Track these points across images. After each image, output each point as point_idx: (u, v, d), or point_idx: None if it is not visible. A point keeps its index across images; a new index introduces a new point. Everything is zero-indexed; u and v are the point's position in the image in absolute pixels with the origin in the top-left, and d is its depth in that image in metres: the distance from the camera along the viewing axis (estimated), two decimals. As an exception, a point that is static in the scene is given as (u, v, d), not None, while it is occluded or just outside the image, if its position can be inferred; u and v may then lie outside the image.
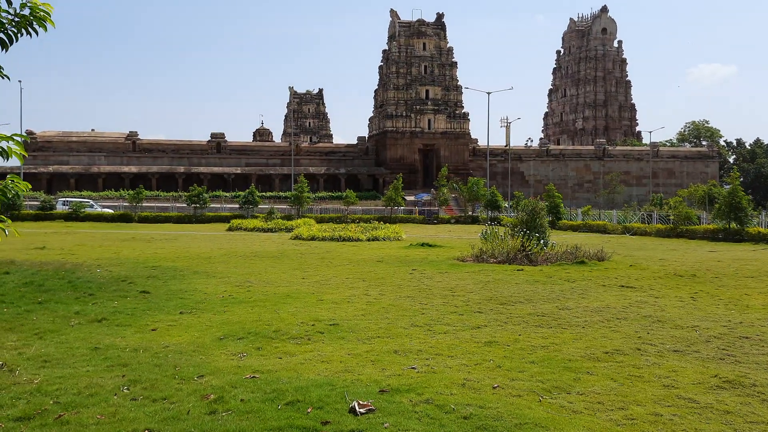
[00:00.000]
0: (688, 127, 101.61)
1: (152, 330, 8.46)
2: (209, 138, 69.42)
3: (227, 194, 58.69)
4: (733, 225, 28.20)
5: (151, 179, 63.77)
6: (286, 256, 19.30)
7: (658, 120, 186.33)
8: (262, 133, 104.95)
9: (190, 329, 8.54)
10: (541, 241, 18.80)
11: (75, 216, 41.82)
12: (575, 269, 15.98)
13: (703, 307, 10.82)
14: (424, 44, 72.76)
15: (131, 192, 47.50)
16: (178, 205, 49.51)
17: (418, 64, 72.15)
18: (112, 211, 44.73)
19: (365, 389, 5.86)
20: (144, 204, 47.38)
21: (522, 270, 15.67)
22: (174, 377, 6.16)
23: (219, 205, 50.24)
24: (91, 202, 47.21)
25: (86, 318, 9.12)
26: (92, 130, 69.78)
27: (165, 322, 9.03)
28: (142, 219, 42.40)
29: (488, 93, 62.95)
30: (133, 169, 64.70)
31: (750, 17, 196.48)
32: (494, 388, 6.06)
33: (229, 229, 34.78)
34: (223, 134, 69.85)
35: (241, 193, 48.79)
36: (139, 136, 67.77)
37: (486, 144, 68.90)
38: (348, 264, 17.24)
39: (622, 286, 13.18)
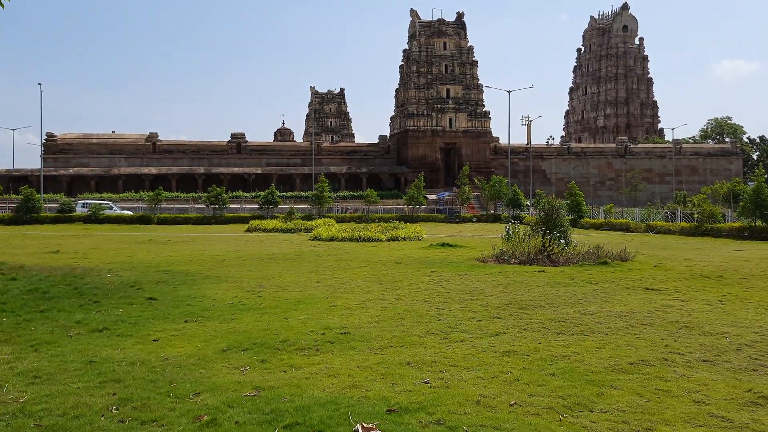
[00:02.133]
0: (711, 124, 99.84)
1: (154, 341, 8.17)
2: (229, 138, 69.59)
3: (247, 194, 58.69)
4: (759, 223, 27.40)
5: (171, 180, 64.07)
6: (303, 258, 19.02)
7: (681, 117, 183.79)
8: (283, 133, 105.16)
9: (194, 339, 8.24)
10: (562, 241, 18.30)
11: (94, 218, 42.01)
12: (597, 270, 15.48)
13: (732, 312, 10.30)
14: (445, 43, 72.28)
15: (150, 193, 47.59)
16: (197, 206, 49.55)
17: (438, 63, 71.70)
18: (131, 213, 44.87)
19: (372, 408, 5.48)
20: (163, 205, 47.45)
21: (543, 271, 15.21)
22: (168, 395, 5.84)
23: (239, 206, 50.21)
24: (111, 204, 47.45)
25: (87, 327, 8.86)
26: (113, 131, 70.40)
27: (168, 331, 8.74)
28: (161, 220, 42.44)
29: (509, 91, 62.29)
30: (153, 170, 65.07)
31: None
32: (511, 405, 5.66)
33: (248, 230, 34.62)
34: (243, 134, 70.00)
35: (261, 193, 48.68)
36: (159, 138, 68.16)
37: (507, 142, 68.21)
38: (366, 266, 16.90)
39: (647, 289, 12.67)
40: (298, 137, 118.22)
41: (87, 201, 47.65)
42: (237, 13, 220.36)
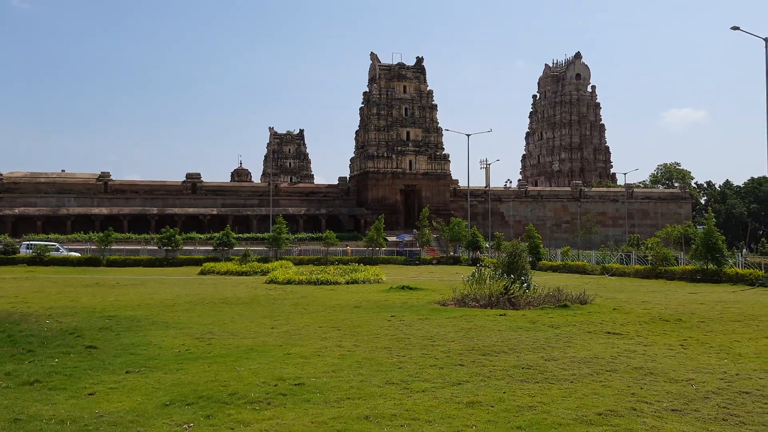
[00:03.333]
0: (661, 169, 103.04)
1: (89, 394, 7.51)
2: (184, 178, 68.40)
3: (202, 236, 57.36)
4: (711, 266, 27.90)
5: (123, 221, 62.30)
6: (257, 303, 18.37)
7: (632, 162, 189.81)
8: (240, 174, 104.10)
9: (134, 393, 7.61)
10: (524, 284, 18.16)
11: (39, 260, 40.29)
12: (559, 314, 15.31)
13: (695, 357, 10.17)
14: (405, 87, 73.25)
15: (100, 234, 45.97)
16: (149, 247, 48.07)
17: (398, 106, 72.50)
18: (79, 255, 43.24)
19: (326, 471, 5.01)
20: (114, 247, 45.84)
21: (505, 315, 14.95)
22: (98, 459, 5.26)
23: (192, 248, 48.92)
24: (57, 245, 45.64)
25: (17, 380, 8.12)
26: (62, 170, 68.32)
27: (107, 383, 8.08)
28: (110, 263, 40.97)
29: (468, 135, 63.09)
30: (104, 210, 63.26)
31: (719, 65, 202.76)
32: (477, 464, 5.25)
33: (201, 273, 33.65)
34: (199, 174, 68.89)
35: (216, 234, 47.45)
36: (111, 177, 66.50)
37: (466, 185, 68.83)
38: (323, 311, 16.37)
39: (609, 333, 12.52)
40: (256, 178, 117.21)
41: (32, 242, 45.70)
42: (194, 51, 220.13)
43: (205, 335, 12.12)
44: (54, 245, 44.76)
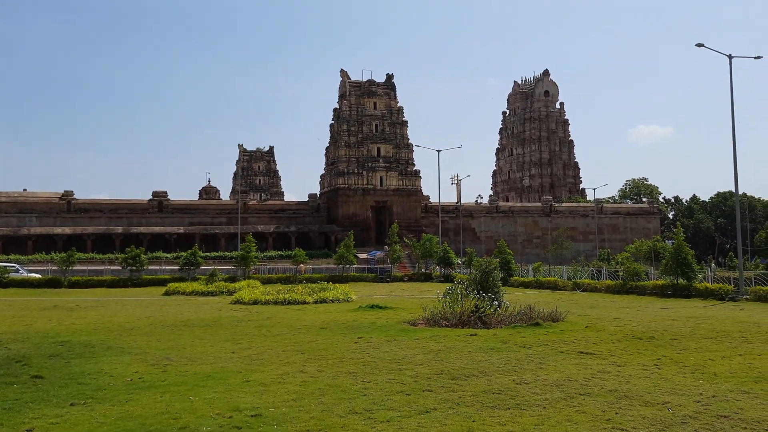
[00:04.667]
0: (629, 184, 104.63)
1: (27, 431, 6.89)
2: (150, 197, 67.13)
3: (168, 255, 56.14)
4: (681, 281, 27.98)
5: (87, 241, 60.73)
6: (220, 325, 17.71)
7: (601, 178, 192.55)
8: (208, 191, 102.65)
9: (76, 428, 7.01)
10: (495, 302, 17.83)
11: (-2, 282, 38.84)
12: (530, 332, 14.99)
13: (670, 377, 9.89)
14: (375, 103, 73.27)
15: (63, 254, 44.57)
16: (113, 267, 46.74)
17: (369, 122, 72.41)
18: (40, 276, 41.83)
19: None
20: (76, 267, 44.47)
21: (476, 335, 14.57)
22: None
23: (158, 267, 47.74)
24: (17, 266, 44.11)
25: (-55, 418, 7.47)
26: (24, 189, 66.54)
27: (47, 418, 7.46)
28: (72, 284, 39.68)
29: (438, 151, 63.22)
30: (67, 230, 61.62)
31: (685, 82, 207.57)
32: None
33: (166, 294, 32.72)
34: (166, 192, 67.68)
35: (183, 253, 46.41)
36: (75, 196, 64.94)
37: (437, 201, 68.78)
38: (288, 332, 15.81)
39: (581, 353, 12.21)
40: (225, 196, 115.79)
41: (-10, 263, 44.12)
42: (161, 67, 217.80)
43: (161, 361, 11.49)
44: (14, 266, 43.27)
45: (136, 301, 28.45)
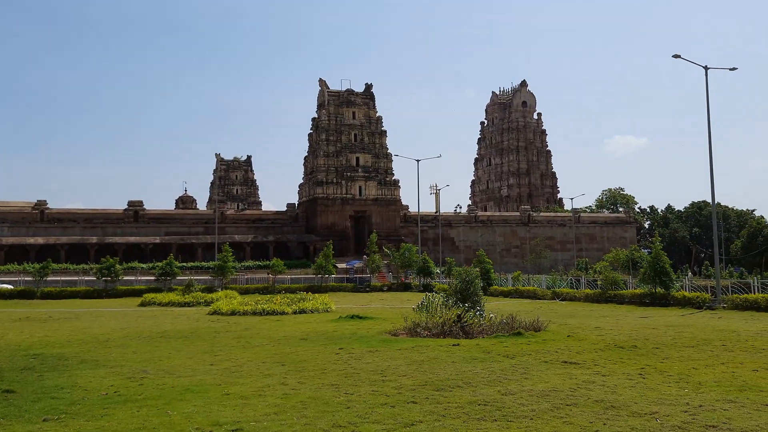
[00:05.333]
0: (606, 194, 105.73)
1: (-5, 450, 6.60)
2: (126, 206, 66.16)
3: (144, 265, 55.31)
4: (659, 289, 28.20)
5: (60, 251, 59.61)
6: (198, 336, 17.35)
7: (578, 188, 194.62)
8: (185, 201, 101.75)
9: (47, 446, 6.72)
10: (477, 312, 17.73)
11: (-32, 293, 37.88)
12: (513, 342, 14.90)
13: (655, 387, 9.82)
14: (354, 113, 73.25)
15: (36, 265, 43.70)
16: (87, 278, 45.86)
17: (347, 132, 72.34)
18: (11, 287, 40.87)
19: None
20: (50, 278, 43.61)
21: (458, 345, 14.43)
22: None
23: (134, 278, 46.97)
24: (-12, 277, 43.20)
25: None
26: (-4, 199, 65.27)
27: (18, 435, 7.15)
28: (45, 295, 38.84)
29: (417, 160, 63.36)
30: (40, 240, 60.44)
31: (660, 93, 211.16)
32: None
33: (141, 305, 32.13)
34: (141, 202, 66.77)
35: (159, 264, 45.71)
36: (48, 205, 63.77)
37: (416, 210, 68.80)
38: (267, 344, 15.53)
39: (565, 362, 12.13)
40: (202, 205, 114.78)
41: (-40, 274, 43.09)
42: (138, 76, 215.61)
43: (137, 374, 11.17)
44: (-16, 277, 42.28)
45: (110, 312, 27.87)
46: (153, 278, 43.45)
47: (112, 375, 11.15)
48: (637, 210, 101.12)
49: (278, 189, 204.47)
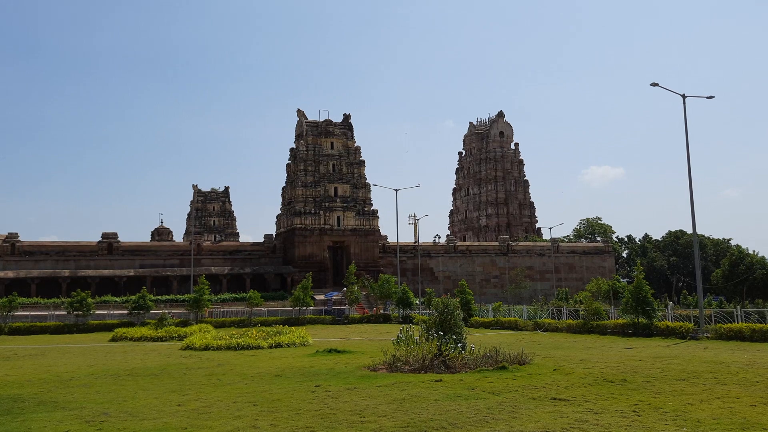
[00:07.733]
0: (583, 224, 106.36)
1: None
2: (100, 239, 64.73)
3: (118, 299, 53.84)
4: (642, 320, 27.82)
5: (31, 284, 57.90)
6: (168, 373, 16.48)
7: (556, 217, 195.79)
8: (161, 233, 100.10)
9: None
10: (458, 344, 17.08)
11: (-70, 329, 36.27)
12: (498, 377, 14.28)
13: (652, 425, 9.28)
14: (332, 143, 73.03)
15: (3, 300, 42.12)
16: (58, 313, 44.33)
17: (326, 162, 72.01)
18: (-24, 323, 39.31)
19: None
20: (18, 313, 42.03)
21: (441, 380, 13.78)
22: None
23: (106, 312, 45.53)
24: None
25: None
26: (-36, 232, 63.49)
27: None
28: (12, 330, 37.35)
29: (396, 190, 62.84)
30: (10, 273, 58.68)
31: (636, 122, 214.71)
32: None
33: (113, 339, 30.94)
34: (116, 234, 65.41)
35: (132, 297, 44.42)
36: (19, 238, 62.16)
37: (395, 240, 68.24)
38: (240, 381, 14.73)
39: (554, 399, 11.54)
40: (179, 237, 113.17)
41: None
42: (113, 106, 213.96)
43: (96, 417, 10.35)
44: (-54, 312, 40.57)
45: (79, 348, 26.73)
46: (126, 312, 42.15)
47: (70, 418, 10.32)
48: (615, 239, 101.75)
49: (256, 220, 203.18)
